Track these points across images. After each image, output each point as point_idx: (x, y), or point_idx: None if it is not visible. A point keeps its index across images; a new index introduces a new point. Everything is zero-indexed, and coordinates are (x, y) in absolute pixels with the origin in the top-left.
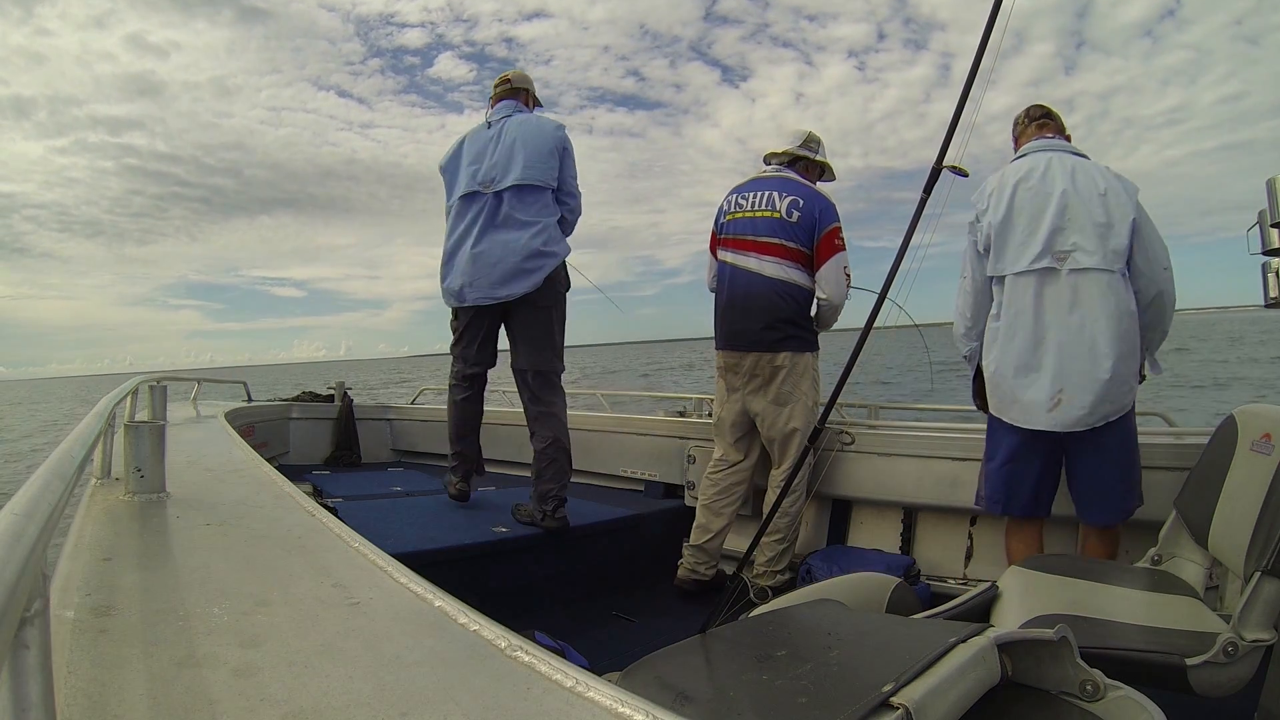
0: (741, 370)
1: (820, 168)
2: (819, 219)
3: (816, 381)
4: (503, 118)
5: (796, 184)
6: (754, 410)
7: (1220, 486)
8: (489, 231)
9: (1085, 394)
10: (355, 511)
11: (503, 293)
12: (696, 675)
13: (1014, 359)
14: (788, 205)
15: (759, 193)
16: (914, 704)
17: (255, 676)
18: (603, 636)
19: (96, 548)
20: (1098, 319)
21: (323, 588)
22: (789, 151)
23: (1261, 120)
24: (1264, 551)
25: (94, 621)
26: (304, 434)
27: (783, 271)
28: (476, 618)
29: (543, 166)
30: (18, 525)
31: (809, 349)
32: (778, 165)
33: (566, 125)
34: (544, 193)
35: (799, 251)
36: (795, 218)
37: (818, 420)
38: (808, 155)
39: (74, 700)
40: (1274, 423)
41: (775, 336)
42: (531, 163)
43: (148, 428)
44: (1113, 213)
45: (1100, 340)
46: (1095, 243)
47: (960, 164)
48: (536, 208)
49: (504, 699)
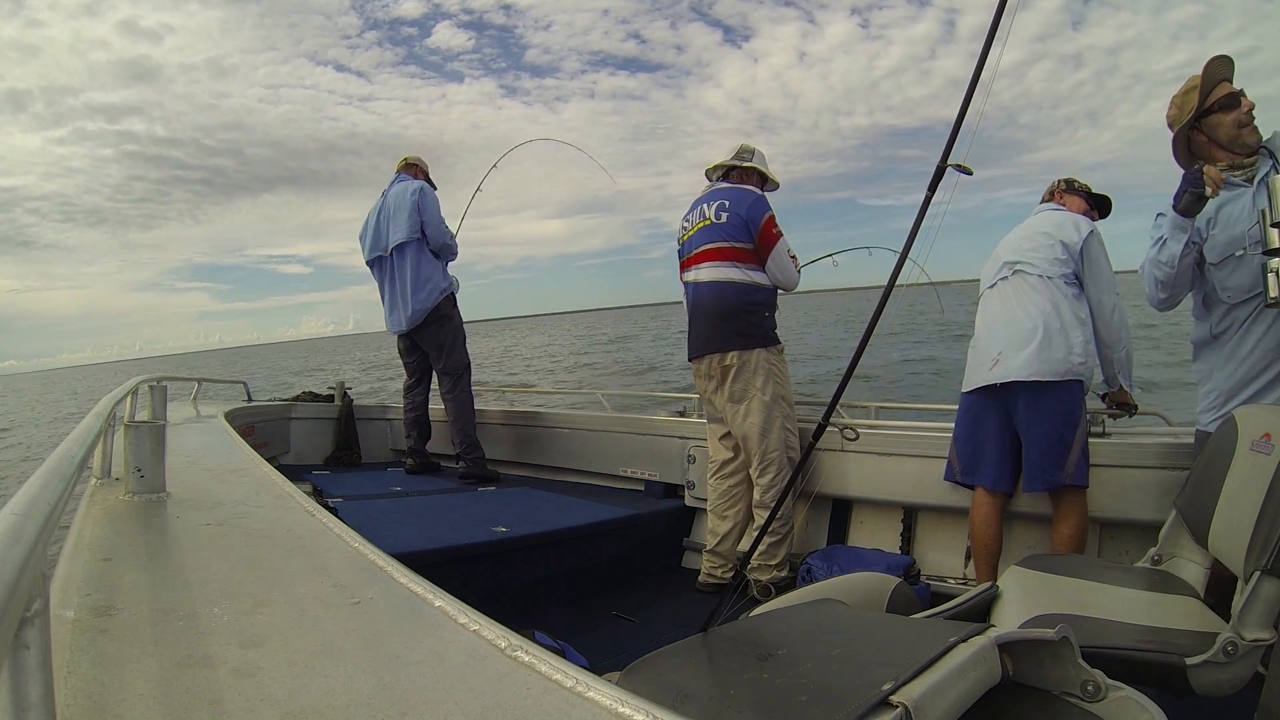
0: (702, 374)
1: (759, 175)
2: (748, 213)
3: (776, 377)
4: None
5: (725, 189)
6: (719, 410)
7: (1220, 486)
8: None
9: (1017, 352)
10: (355, 511)
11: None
12: (697, 674)
13: (975, 348)
14: (716, 209)
15: (695, 210)
16: (913, 703)
17: (255, 676)
18: (603, 636)
19: (96, 548)
20: (1030, 305)
21: (323, 588)
22: (722, 164)
23: (1273, 77)
24: (1264, 551)
25: (94, 621)
26: (304, 434)
27: (719, 273)
28: (476, 618)
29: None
30: (17, 525)
31: (759, 345)
32: (714, 181)
33: (567, 90)
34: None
35: (738, 249)
36: (724, 218)
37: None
38: (737, 164)
39: (74, 700)
40: (1274, 423)
41: (721, 337)
42: (399, 225)
43: (148, 428)
44: (1057, 240)
45: (1031, 317)
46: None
47: (965, 162)
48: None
49: (504, 699)
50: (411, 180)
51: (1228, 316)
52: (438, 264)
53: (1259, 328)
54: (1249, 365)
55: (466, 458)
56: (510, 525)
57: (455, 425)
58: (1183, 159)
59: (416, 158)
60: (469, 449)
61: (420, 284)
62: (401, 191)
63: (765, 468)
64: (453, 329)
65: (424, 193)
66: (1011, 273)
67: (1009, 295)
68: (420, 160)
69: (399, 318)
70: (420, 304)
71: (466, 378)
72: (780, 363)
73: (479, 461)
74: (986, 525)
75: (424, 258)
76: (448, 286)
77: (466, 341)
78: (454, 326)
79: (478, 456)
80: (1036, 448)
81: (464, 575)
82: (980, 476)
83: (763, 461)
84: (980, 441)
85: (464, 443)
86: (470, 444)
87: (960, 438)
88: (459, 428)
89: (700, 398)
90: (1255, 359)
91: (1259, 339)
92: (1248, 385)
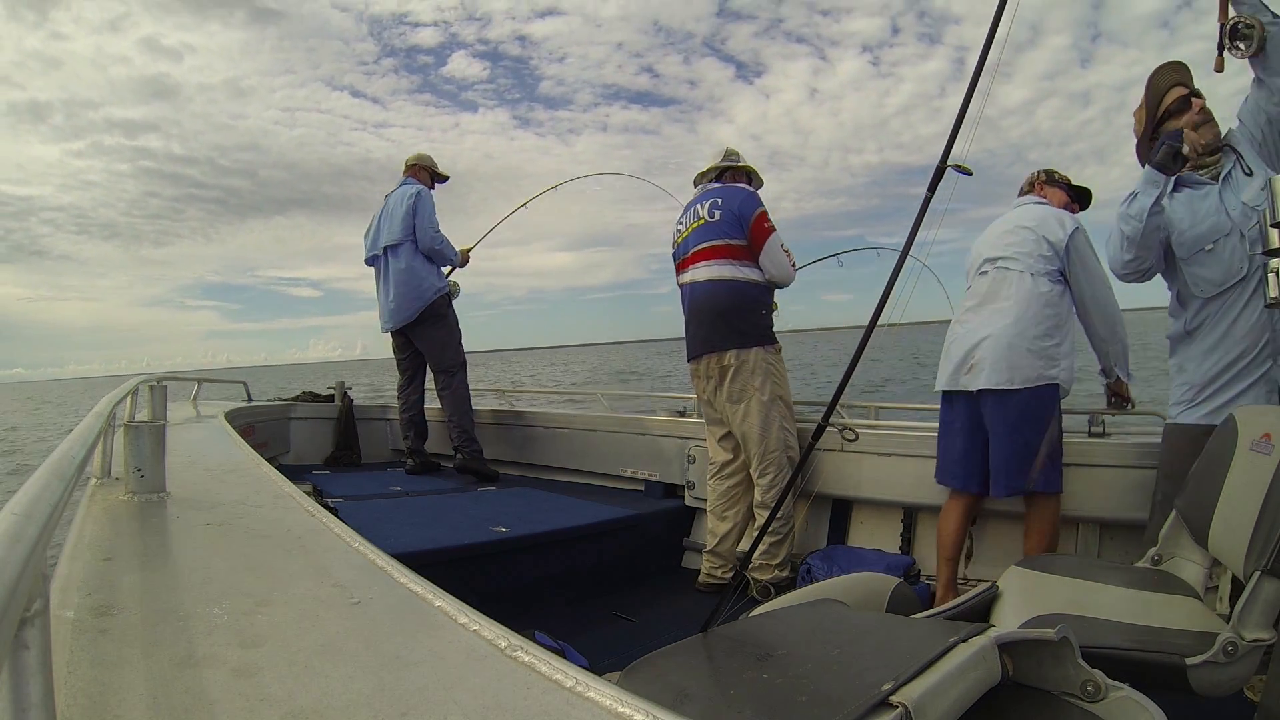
0: (700, 375)
1: (745, 174)
2: (739, 209)
3: (775, 376)
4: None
5: (716, 188)
6: (719, 411)
7: (1220, 486)
8: None
9: (990, 354)
10: (355, 511)
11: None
12: (697, 674)
13: (949, 347)
14: (708, 208)
15: (689, 211)
16: (913, 703)
17: (255, 676)
18: (603, 636)
19: (96, 548)
20: (1008, 305)
21: (323, 588)
22: (712, 167)
23: None
24: (1264, 551)
25: (94, 621)
26: (304, 434)
27: (716, 271)
28: (476, 618)
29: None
30: (18, 525)
31: (756, 343)
32: (704, 186)
33: (580, 123)
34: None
35: (733, 246)
36: (717, 216)
37: (821, 417)
38: (728, 165)
39: (74, 700)
40: (1274, 423)
41: (718, 336)
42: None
43: (148, 428)
44: (1041, 236)
45: (1007, 316)
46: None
47: (965, 162)
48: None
49: (504, 699)
50: (413, 184)
51: (1201, 312)
52: (431, 265)
53: (1225, 322)
54: (1218, 358)
55: (464, 451)
56: (510, 525)
57: (452, 420)
58: (1146, 157)
59: (418, 157)
60: (466, 443)
61: (409, 283)
62: (401, 195)
63: (765, 468)
64: (448, 327)
65: (420, 197)
66: (993, 268)
67: (987, 293)
68: (423, 159)
69: (386, 314)
70: (408, 302)
71: (462, 375)
72: (778, 362)
73: (476, 455)
74: (948, 525)
75: (415, 259)
76: (443, 287)
77: (462, 340)
78: (449, 325)
79: (475, 450)
80: (1000, 453)
81: (464, 575)
82: (948, 476)
83: (762, 461)
84: (949, 442)
85: (461, 437)
86: (468, 438)
87: (939, 443)
88: (456, 423)
89: (699, 399)
90: (1223, 352)
91: (1225, 333)
92: (1219, 378)
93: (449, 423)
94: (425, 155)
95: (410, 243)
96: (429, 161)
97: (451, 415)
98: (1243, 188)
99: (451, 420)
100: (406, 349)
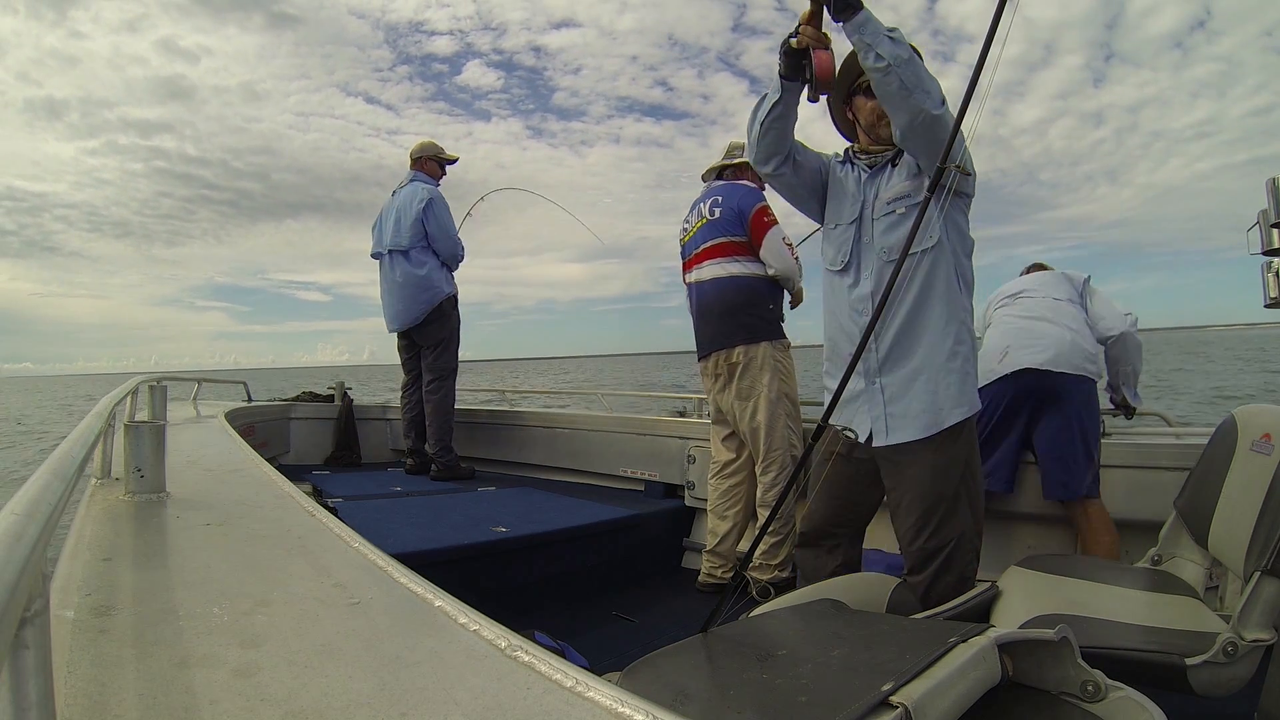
0: (709, 372)
1: (753, 171)
2: (739, 205)
3: (783, 374)
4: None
5: (718, 186)
6: (725, 409)
7: (1220, 486)
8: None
9: (1025, 350)
10: (355, 511)
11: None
12: (697, 674)
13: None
14: (710, 206)
15: (694, 211)
16: (913, 703)
17: (255, 676)
18: (603, 636)
19: (96, 548)
20: (1042, 310)
21: (323, 588)
22: (715, 165)
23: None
24: (1264, 551)
25: (94, 621)
26: (304, 434)
27: (722, 269)
28: (476, 618)
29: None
30: (18, 525)
31: (765, 339)
32: (708, 184)
33: (593, 135)
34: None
35: (737, 244)
36: (718, 214)
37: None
38: (728, 162)
39: (74, 700)
40: (1274, 423)
41: (726, 333)
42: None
43: (148, 428)
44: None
45: (1044, 317)
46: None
47: (964, 164)
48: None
49: (504, 699)
50: (422, 184)
51: (826, 282)
52: (443, 270)
53: (831, 301)
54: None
55: (440, 460)
56: (510, 525)
57: (431, 424)
58: (842, 126)
59: (422, 147)
60: (442, 451)
61: (420, 287)
62: (410, 197)
63: (768, 466)
64: (450, 328)
65: (431, 204)
66: (1021, 295)
67: (1018, 309)
68: (427, 149)
69: (392, 315)
70: (416, 305)
71: (451, 380)
72: (786, 359)
73: (452, 465)
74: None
75: (426, 265)
76: (453, 291)
77: (459, 346)
78: (452, 326)
79: (451, 460)
80: (1058, 451)
81: (464, 575)
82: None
83: (766, 460)
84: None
85: (438, 444)
86: (444, 446)
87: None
88: (435, 427)
89: (706, 397)
90: (830, 331)
91: (826, 309)
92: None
93: (429, 425)
94: (429, 143)
95: (420, 248)
96: (435, 150)
97: (432, 418)
98: (887, 183)
99: (431, 424)
100: (412, 349)
